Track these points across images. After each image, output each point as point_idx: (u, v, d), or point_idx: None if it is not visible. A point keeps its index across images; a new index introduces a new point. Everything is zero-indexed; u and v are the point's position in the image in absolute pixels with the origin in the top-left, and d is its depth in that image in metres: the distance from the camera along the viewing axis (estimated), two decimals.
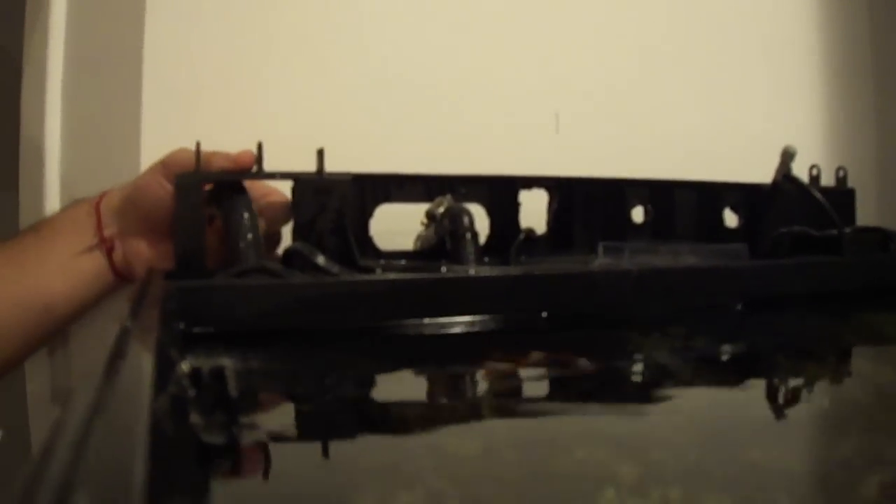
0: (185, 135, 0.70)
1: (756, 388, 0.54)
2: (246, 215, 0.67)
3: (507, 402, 0.51)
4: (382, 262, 0.75)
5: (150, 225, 0.72)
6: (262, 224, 0.70)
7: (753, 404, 0.51)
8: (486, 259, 0.77)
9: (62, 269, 0.72)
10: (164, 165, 0.70)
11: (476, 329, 0.64)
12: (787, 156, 0.84)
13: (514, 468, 0.41)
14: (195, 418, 0.37)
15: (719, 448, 0.43)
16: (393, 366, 0.59)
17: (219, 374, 0.38)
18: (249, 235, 0.67)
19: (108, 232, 0.73)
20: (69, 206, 0.77)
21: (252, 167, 0.69)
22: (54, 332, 0.77)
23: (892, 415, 0.48)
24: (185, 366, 0.37)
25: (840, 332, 0.69)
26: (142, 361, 0.36)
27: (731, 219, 0.89)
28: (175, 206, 0.66)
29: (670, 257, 0.79)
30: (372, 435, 0.45)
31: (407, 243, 0.79)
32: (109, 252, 0.73)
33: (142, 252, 0.73)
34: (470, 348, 0.63)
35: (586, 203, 0.84)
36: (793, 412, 0.49)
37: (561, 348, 0.62)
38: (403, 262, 0.76)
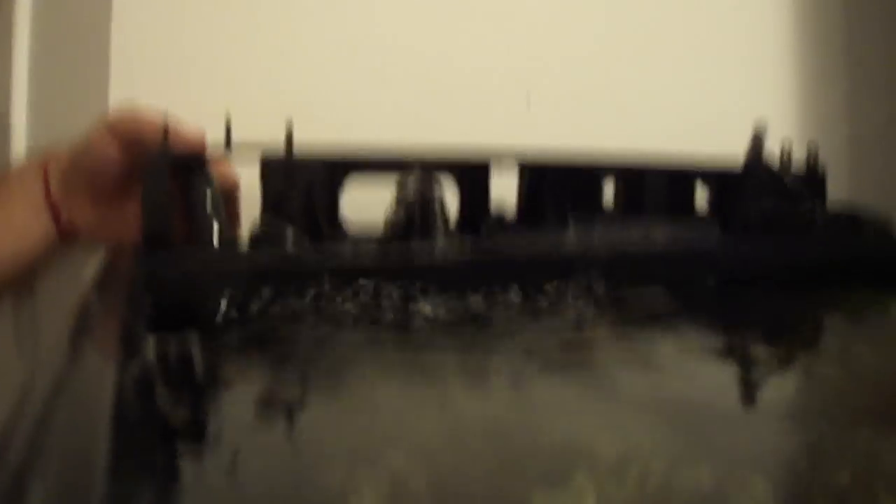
0: (153, 104, 0.69)
1: (730, 369, 0.54)
2: (210, 192, 0.66)
3: (479, 379, 0.51)
4: (352, 241, 0.74)
5: (95, 186, 0.71)
6: None
7: (727, 385, 0.51)
8: (457, 236, 0.77)
9: (11, 232, 0.71)
10: (110, 125, 0.69)
11: (445, 308, 0.64)
12: (758, 139, 0.84)
13: (485, 449, 0.41)
14: (160, 397, 0.36)
15: (694, 427, 0.43)
16: (362, 343, 0.58)
17: (185, 352, 0.37)
18: (214, 213, 0.66)
19: (54, 193, 0.72)
20: (17, 166, 0.76)
21: (204, 148, 0.68)
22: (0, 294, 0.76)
23: (865, 398, 0.49)
24: (150, 344, 0.36)
25: (812, 312, 0.69)
26: (107, 340, 0.35)
27: (703, 197, 0.89)
28: (142, 184, 0.65)
29: (641, 233, 0.79)
30: (340, 416, 0.45)
31: (377, 222, 0.79)
32: (56, 216, 0.72)
33: (86, 213, 0.72)
34: (439, 327, 0.63)
35: (558, 181, 0.84)
36: (767, 393, 0.49)
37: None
38: (373, 244, 0.75)
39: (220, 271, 0.58)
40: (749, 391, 0.50)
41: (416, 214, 0.74)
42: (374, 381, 0.51)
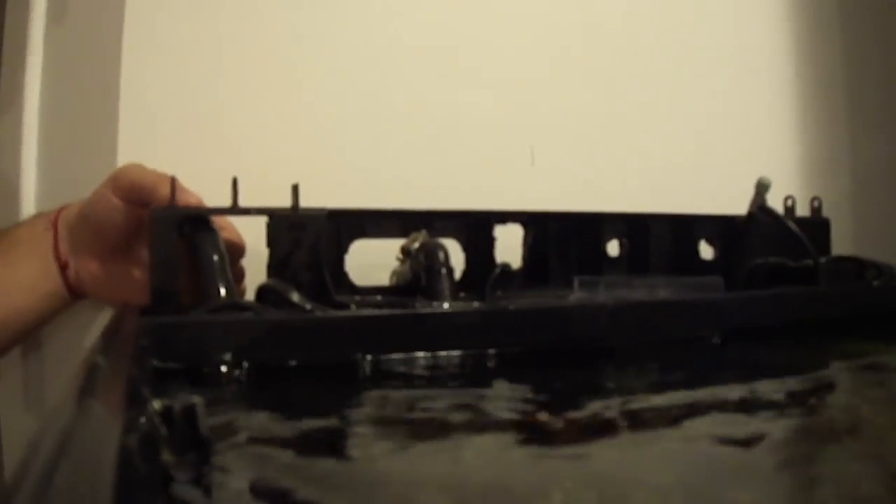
0: (161, 166, 0.70)
1: (736, 425, 0.54)
2: (217, 251, 0.67)
3: (483, 444, 0.50)
4: (358, 297, 0.75)
5: (100, 242, 0.72)
6: None
7: (734, 442, 0.51)
8: (462, 294, 0.77)
9: (19, 286, 0.72)
10: (114, 180, 0.70)
11: (451, 364, 0.64)
12: (762, 187, 0.85)
13: None
14: (166, 457, 0.36)
15: (703, 490, 0.42)
16: (366, 404, 0.58)
17: (190, 412, 0.37)
18: (221, 271, 0.66)
19: (62, 249, 0.72)
20: (28, 220, 0.77)
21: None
22: (8, 348, 0.77)
23: (873, 450, 0.48)
24: (156, 404, 0.37)
25: (818, 364, 0.69)
26: (112, 399, 0.35)
27: (706, 251, 0.89)
28: (150, 239, 0.65)
29: (646, 290, 0.79)
30: (341, 482, 0.44)
31: (383, 278, 0.79)
32: (64, 269, 0.73)
33: (92, 269, 0.73)
34: (445, 384, 0.63)
35: (561, 237, 0.84)
36: (775, 450, 0.49)
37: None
38: (379, 297, 0.76)
39: (226, 331, 0.58)
40: (757, 449, 0.49)
41: (421, 272, 0.74)
42: (378, 444, 0.50)
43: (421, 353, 0.63)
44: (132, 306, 0.65)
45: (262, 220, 0.70)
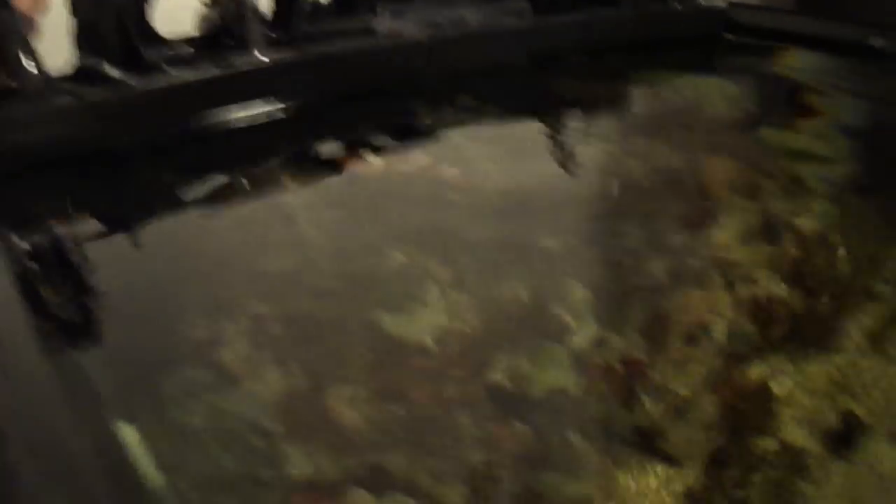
0: None
1: (544, 165, 0.58)
2: (18, 31, 0.63)
3: (319, 207, 0.53)
4: (170, 52, 0.73)
5: None
6: None
7: (534, 185, 0.54)
8: (273, 36, 0.76)
9: None
10: None
11: (277, 115, 0.65)
12: None
13: (332, 279, 0.44)
14: (48, 294, 0.37)
15: (516, 238, 0.47)
16: (203, 172, 0.59)
17: (58, 244, 0.38)
18: (23, 50, 0.63)
19: None
20: None
21: None
22: None
23: (666, 198, 0.53)
24: (23, 245, 0.38)
25: (618, 97, 0.72)
26: None
27: None
28: None
29: (454, 15, 0.80)
30: (193, 264, 0.47)
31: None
32: None
33: None
34: (274, 138, 0.64)
35: None
36: (579, 192, 0.53)
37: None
38: (191, 50, 0.74)
39: (48, 119, 0.57)
40: (562, 192, 0.54)
41: (232, 19, 0.73)
42: (224, 220, 0.52)
43: (245, 109, 0.65)
44: None
45: None
